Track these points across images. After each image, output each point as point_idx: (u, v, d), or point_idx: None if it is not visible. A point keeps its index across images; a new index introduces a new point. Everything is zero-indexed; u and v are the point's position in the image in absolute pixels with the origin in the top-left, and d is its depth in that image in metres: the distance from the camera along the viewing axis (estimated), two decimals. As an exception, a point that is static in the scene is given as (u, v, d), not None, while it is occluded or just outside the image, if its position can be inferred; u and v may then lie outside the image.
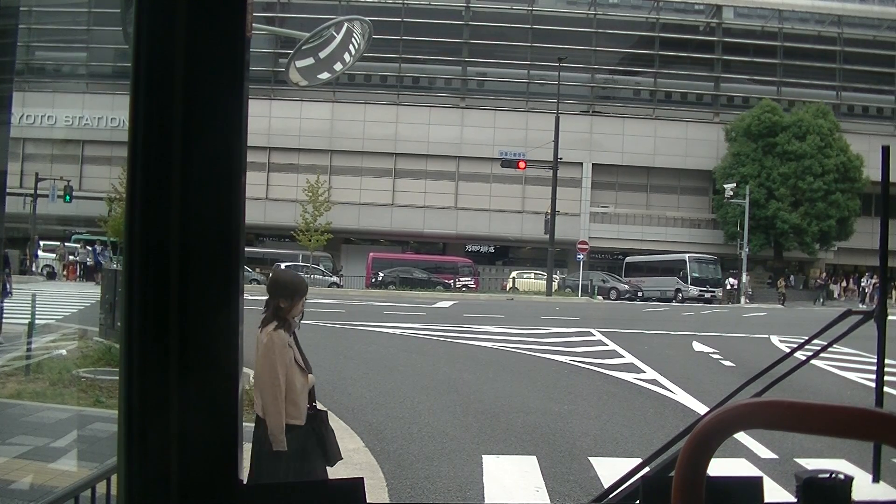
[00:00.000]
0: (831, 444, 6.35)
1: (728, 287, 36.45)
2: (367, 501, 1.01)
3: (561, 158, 34.78)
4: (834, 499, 1.14)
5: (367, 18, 4.21)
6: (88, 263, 30.72)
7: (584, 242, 35.79)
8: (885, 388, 1.61)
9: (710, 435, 0.70)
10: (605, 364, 11.79)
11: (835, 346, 1.64)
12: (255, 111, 34.69)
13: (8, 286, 11.85)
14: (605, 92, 44.55)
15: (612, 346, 14.17)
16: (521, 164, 34.68)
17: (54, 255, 30.79)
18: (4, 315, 11.82)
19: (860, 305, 29.82)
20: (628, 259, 39.91)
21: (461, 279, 37.12)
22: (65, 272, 30.29)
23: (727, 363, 12.49)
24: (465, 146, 41.93)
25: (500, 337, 15.21)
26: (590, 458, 6.35)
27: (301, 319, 4.03)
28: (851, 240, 39.17)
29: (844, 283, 40.75)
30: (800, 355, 1.67)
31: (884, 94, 43.88)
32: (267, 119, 39.45)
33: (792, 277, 41.94)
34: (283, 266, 35.04)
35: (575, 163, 40.23)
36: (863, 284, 39.25)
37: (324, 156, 41.90)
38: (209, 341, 0.87)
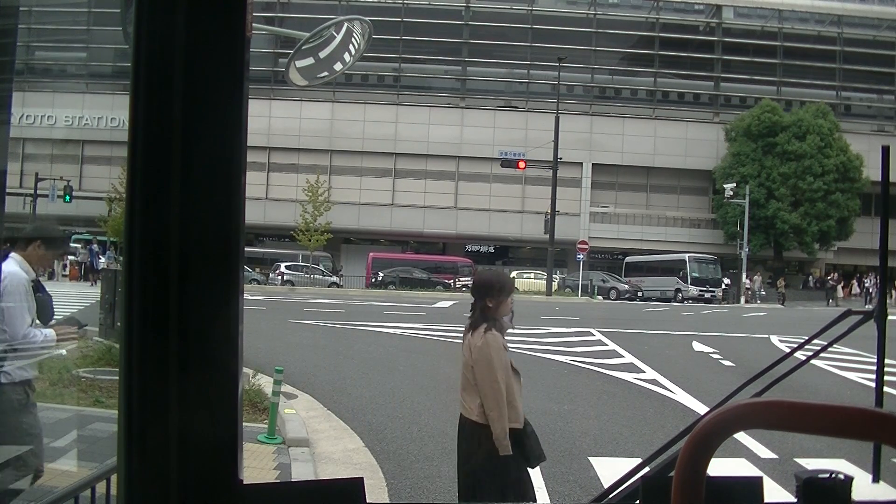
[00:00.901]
0: (831, 444, 6.35)
1: (724, 287, 36.48)
2: (367, 501, 1.01)
3: (561, 158, 34.78)
4: (834, 499, 1.14)
5: (367, 18, 4.20)
6: (86, 263, 30.71)
7: (583, 242, 35.80)
8: (885, 388, 1.61)
9: (710, 435, 0.70)
10: (604, 364, 11.79)
11: (835, 346, 1.64)
12: (255, 111, 34.69)
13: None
14: (605, 92, 44.57)
15: (611, 345, 14.17)
16: (521, 164, 34.67)
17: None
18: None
19: (867, 306, 29.82)
20: (628, 259, 39.92)
21: (461, 279, 37.11)
22: (65, 272, 30.26)
23: (727, 363, 12.49)
24: (465, 146, 41.94)
25: (500, 337, 15.17)
26: (589, 458, 6.35)
27: (512, 319, 3.94)
28: (851, 240, 39.19)
29: (843, 284, 40.43)
30: (800, 355, 1.67)
31: (884, 94, 43.90)
32: (267, 119, 39.47)
33: (810, 278, 41.80)
34: (283, 266, 35.11)
35: (575, 163, 40.25)
36: (867, 284, 39.18)
37: (324, 156, 41.91)
38: (209, 341, 0.87)
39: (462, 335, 3.98)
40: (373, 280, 36.16)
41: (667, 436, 1.61)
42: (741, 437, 6.55)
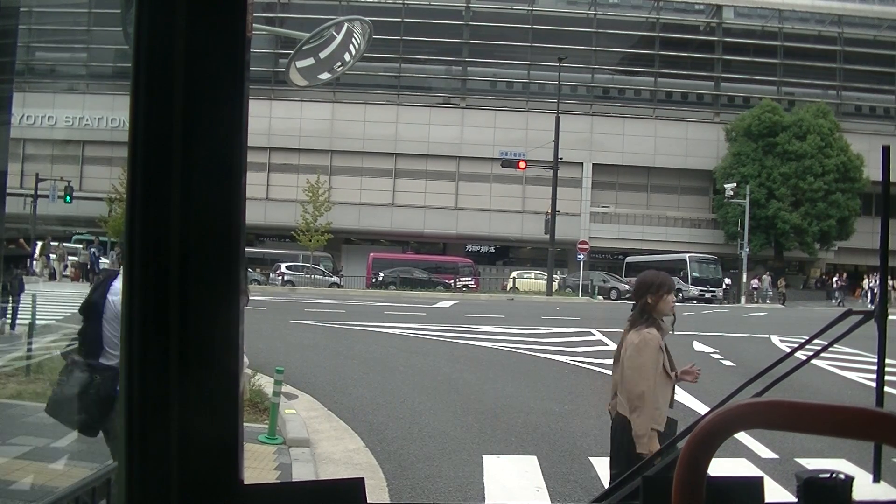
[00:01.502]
0: (831, 444, 6.35)
1: (724, 287, 36.50)
2: (368, 501, 1.01)
3: (561, 158, 34.78)
4: (834, 499, 1.14)
5: (367, 18, 4.21)
6: (89, 264, 30.72)
7: (584, 242, 35.79)
8: (885, 388, 1.61)
9: (711, 435, 0.69)
10: (605, 364, 11.77)
11: (835, 346, 1.64)
12: (255, 111, 34.70)
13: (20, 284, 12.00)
14: (606, 92, 44.55)
15: (612, 346, 14.14)
16: (521, 164, 34.66)
17: (54, 256, 30.79)
18: (5, 315, 11.86)
19: (869, 305, 29.78)
20: (629, 259, 39.90)
21: (461, 279, 37.12)
22: (66, 272, 30.26)
23: (728, 363, 12.49)
24: (465, 146, 41.93)
25: (501, 337, 15.21)
26: (590, 458, 6.35)
27: (674, 324, 3.91)
28: (852, 239, 39.17)
29: (840, 284, 40.00)
30: (800, 355, 1.67)
31: (884, 94, 43.89)
32: (267, 119, 39.46)
33: (823, 277, 41.38)
34: (284, 266, 35.10)
35: (575, 163, 40.24)
36: (871, 285, 39.01)
37: (324, 156, 41.91)
38: (209, 341, 0.87)
39: (621, 337, 3.98)
40: (373, 280, 36.15)
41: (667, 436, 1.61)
42: (742, 437, 6.55)
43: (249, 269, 33.38)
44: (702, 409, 8.25)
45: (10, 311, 11.83)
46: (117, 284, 4.06)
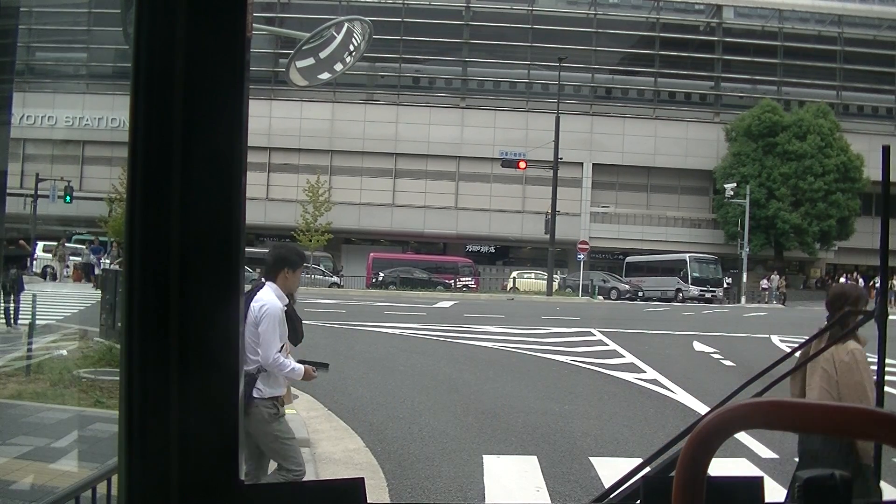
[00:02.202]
0: (832, 444, 6.34)
1: (725, 287, 36.51)
2: (368, 501, 1.01)
3: (561, 158, 34.78)
4: (834, 499, 1.14)
5: (367, 18, 4.21)
6: (91, 265, 30.72)
7: (584, 242, 35.79)
8: (886, 388, 1.61)
9: (711, 435, 0.69)
10: (605, 364, 11.78)
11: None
12: (255, 111, 34.68)
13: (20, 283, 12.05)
14: (606, 92, 44.54)
15: (612, 345, 14.17)
16: (522, 164, 34.67)
17: (55, 256, 30.78)
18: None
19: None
20: (629, 259, 39.90)
21: (461, 279, 37.12)
22: (66, 273, 30.25)
23: (728, 363, 12.48)
24: (465, 146, 41.93)
25: (501, 337, 15.21)
26: (590, 458, 6.35)
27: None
28: (851, 239, 39.16)
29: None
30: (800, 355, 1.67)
31: (884, 94, 43.88)
32: (267, 119, 39.46)
33: (843, 277, 41.05)
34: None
35: (575, 163, 40.23)
36: (877, 285, 38.84)
37: (324, 156, 41.91)
38: (209, 341, 0.87)
39: (809, 348, 3.91)
40: (373, 280, 36.15)
41: (667, 436, 1.62)
42: (742, 436, 6.55)
43: (249, 269, 33.36)
44: (702, 409, 8.25)
45: (11, 311, 11.85)
46: (261, 294, 4.22)
